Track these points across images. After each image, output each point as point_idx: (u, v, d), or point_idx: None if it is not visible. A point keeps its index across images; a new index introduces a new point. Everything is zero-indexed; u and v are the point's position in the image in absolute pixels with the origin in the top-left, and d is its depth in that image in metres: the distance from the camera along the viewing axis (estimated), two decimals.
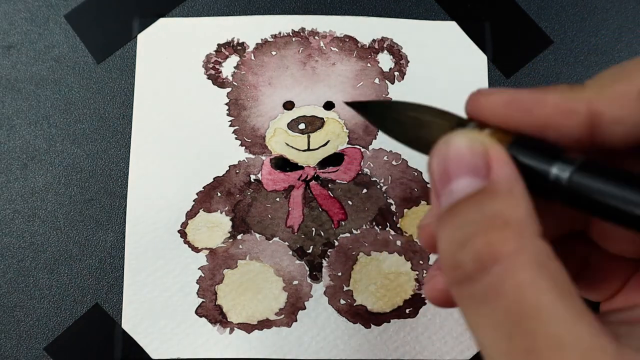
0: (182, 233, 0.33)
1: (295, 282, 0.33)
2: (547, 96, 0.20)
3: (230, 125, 0.35)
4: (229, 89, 0.35)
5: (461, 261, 0.18)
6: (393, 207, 0.34)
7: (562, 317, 0.17)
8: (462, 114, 0.23)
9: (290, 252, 0.33)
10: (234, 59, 0.36)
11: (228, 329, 0.32)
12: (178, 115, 0.35)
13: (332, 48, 0.36)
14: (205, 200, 0.34)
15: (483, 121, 0.21)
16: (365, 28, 0.36)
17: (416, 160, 0.34)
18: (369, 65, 0.35)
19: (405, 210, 0.34)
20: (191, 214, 0.34)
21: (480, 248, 0.18)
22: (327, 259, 0.33)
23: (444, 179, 0.20)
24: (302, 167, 0.34)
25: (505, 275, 0.18)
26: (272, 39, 0.36)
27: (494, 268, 0.18)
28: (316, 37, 0.36)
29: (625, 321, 0.19)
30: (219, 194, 0.34)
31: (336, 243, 0.33)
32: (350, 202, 0.34)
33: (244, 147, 0.34)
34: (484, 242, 0.18)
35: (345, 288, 0.33)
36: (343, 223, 0.33)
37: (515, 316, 0.17)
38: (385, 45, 0.36)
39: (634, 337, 0.18)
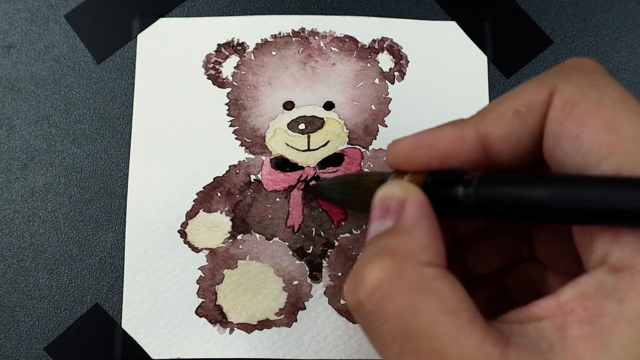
0: (182, 233, 0.33)
1: (295, 282, 0.33)
2: (441, 131, 0.23)
3: (230, 125, 0.35)
4: (229, 89, 0.35)
5: (353, 288, 0.21)
6: None
7: (444, 332, 0.19)
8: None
9: (290, 252, 0.33)
10: (234, 59, 0.36)
11: (228, 329, 0.32)
12: (178, 115, 0.35)
13: (332, 48, 0.36)
14: (205, 200, 0.34)
15: (399, 169, 0.24)
16: (365, 28, 0.36)
17: None
18: (369, 65, 0.35)
19: None
20: (191, 214, 0.34)
21: (367, 276, 0.20)
22: (327, 259, 0.33)
23: (372, 219, 0.23)
24: (302, 167, 0.34)
25: (385, 300, 0.20)
26: (272, 39, 0.36)
27: (376, 294, 0.20)
28: (316, 37, 0.36)
29: (519, 320, 0.20)
30: (219, 194, 0.34)
31: (336, 243, 0.33)
32: None
33: (244, 147, 0.34)
34: (370, 270, 0.20)
35: None
36: (343, 223, 0.34)
37: (400, 337, 0.19)
38: (385, 45, 0.36)
39: (524, 335, 0.19)
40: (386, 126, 0.35)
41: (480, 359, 0.18)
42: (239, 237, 0.33)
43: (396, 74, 0.35)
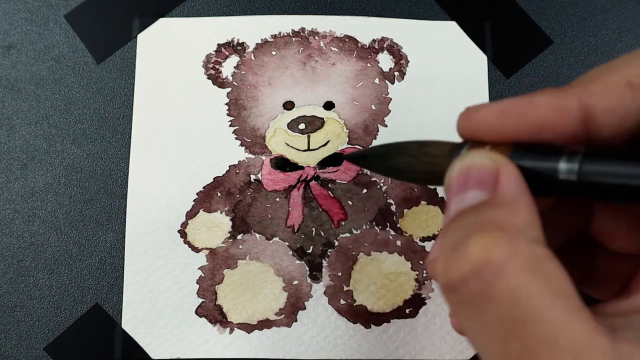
0: (182, 233, 0.33)
1: (295, 282, 0.33)
2: (537, 99, 0.21)
3: (230, 125, 0.35)
4: (229, 89, 0.35)
5: (453, 264, 0.19)
6: (393, 207, 0.34)
7: (556, 318, 0.17)
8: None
9: (290, 252, 0.33)
10: (234, 59, 0.36)
11: (228, 329, 0.32)
12: (178, 115, 0.35)
13: (332, 48, 0.36)
14: (205, 200, 0.34)
15: (477, 139, 0.22)
16: (365, 28, 0.36)
17: None
18: (369, 65, 0.35)
19: (405, 210, 0.34)
20: (191, 214, 0.34)
21: (472, 251, 0.18)
22: (327, 259, 0.33)
23: (455, 192, 0.20)
24: (302, 167, 0.34)
25: (496, 279, 0.18)
26: (272, 39, 0.36)
27: (485, 271, 0.18)
28: (316, 37, 0.36)
29: (621, 312, 0.19)
30: (219, 194, 0.34)
31: (336, 243, 0.33)
32: (350, 202, 0.34)
33: (244, 147, 0.34)
34: (477, 245, 0.18)
35: (345, 288, 0.33)
36: (343, 223, 0.33)
37: (508, 320, 0.18)
38: (385, 45, 0.36)
39: (630, 328, 0.18)
40: (386, 126, 0.35)
41: (592, 349, 0.17)
42: (239, 237, 0.33)
43: (396, 74, 0.35)
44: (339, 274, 0.33)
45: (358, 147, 0.34)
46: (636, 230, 0.22)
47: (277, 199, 0.34)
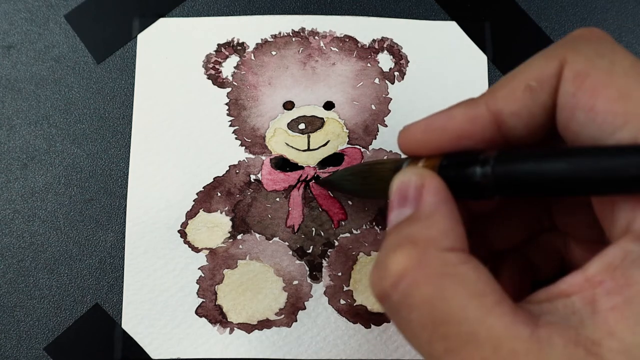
0: (182, 233, 0.33)
1: (295, 282, 0.33)
2: (454, 111, 0.23)
3: (230, 125, 0.35)
4: (229, 89, 0.35)
5: (377, 280, 0.21)
6: None
7: (472, 315, 0.19)
8: None
9: (290, 252, 0.33)
10: (234, 59, 0.36)
11: (228, 329, 0.32)
12: (178, 115, 0.35)
13: (332, 48, 0.36)
14: (205, 200, 0.34)
15: (413, 154, 0.24)
16: (365, 28, 0.36)
17: None
18: (369, 65, 0.35)
19: None
20: (191, 214, 0.34)
21: (390, 267, 0.20)
22: (327, 259, 0.33)
23: (390, 209, 0.23)
24: (302, 167, 0.34)
25: (412, 289, 0.20)
26: (272, 39, 0.36)
27: (401, 284, 0.20)
28: (316, 37, 0.36)
29: (549, 298, 0.20)
30: (219, 194, 0.34)
31: (336, 243, 0.33)
32: (350, 202, 0.34)
33: (244, 147, 0.34)
34: (393, 262, 0.20)
35: (345, 288, 0.33)
36: (343, 223, 0.33)
37: (429, 324, 0.19)
38: (385, 45, 0.36)
39: (553, 313, 0.19)
40: (386, 126, 0.35)
41: (510, 338, 0.18)
42: (239, 237, 0.33)
43: (396, 74, 0.35)
44: (339, 274, 0.33)
45: (358, 147, 0.34)
46: (590, 221, 0.23)
47: (277, 199, 0.34)
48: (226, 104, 0.35)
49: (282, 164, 0.34)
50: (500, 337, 0.18)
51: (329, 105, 0.35)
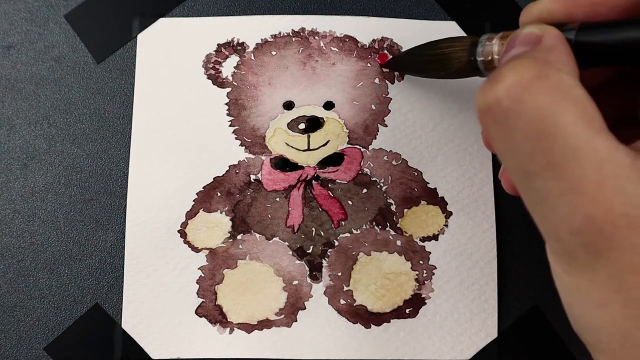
0: (182, 233, 0.33)
1: (295, 282, 0.33)
2: None
3: (230, 125, 0.35)
4: (229, 89, 0.35)
5: (489, 89, 0.20)
6: (393, 207, 0.34)
7: (580, 133, 0.19)
8: (462, 115, 0.23)
9: (290, 252, 0.33)
10: (234, 59, 0.36)
11: (228, 329, 0.32)
12: (178, 115, 0.35)
13: (332, 48, 0.36)
14: (205, 200, 0.34)
15: (544, 21, 0.24)
16: (365, 28, 0.36)
17: (416, 160, 0.34)
18: (369, 65, 0.35)
19: (405, 210, 0.34)
20: (191, 214, 0.34)
21: (505, 75, 0.20)
22: (327, 259, 0.33)
23: (502, 55, 0.23)
24: (302, 167, 0.34)
25: (525, 97, 0.19)
26: (272, 39, 0.36)
27: (515, 89, 0.20)
28: (316, 37, 0.36)
29: None
30: (219, 194, 0.34)
31: (336, 243, 0.33)
32: (350, 202, 0.34)
33: (244, 147, 0.34)
34: (509, 71, 0.20)
35: (345, 288, 0.33)
36: (343, 223, 0.33)
37: (535, 134, 0.19)
38: (385, 45, 0.36)
39: None
40: (386, 126, 0.35)
41: (613, 162, 0.19)
42: (239, 237, 0.33)
43: (396, 73, 0.35)
44: (339, 274, 0.33)
45: (358, 147, 0.34)
46: None
47: (277, 199, 0.34)
48: (226, 103, 0.35)
49: (282, 163, 0.34)
50: (604, 159, 0.19)
51: (329, 105, 0.35)
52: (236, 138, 0.35)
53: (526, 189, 0.20)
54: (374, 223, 0.34)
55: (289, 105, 0.35)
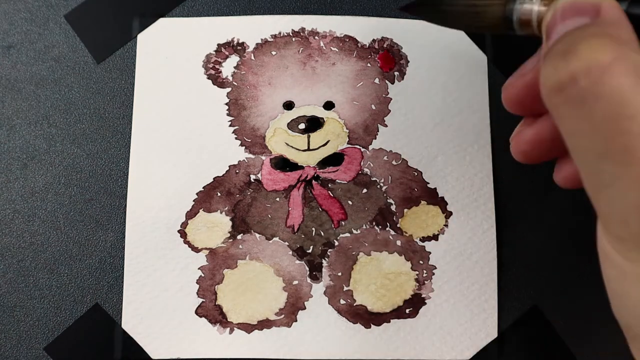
0: (182, 233, 0.33)
1: (295, 282, 0.33)
2: None
3: (230, 125, 0.35)
4: (229, 89, 0.35)
5: (562, 66, 0.20)
6: (393, 207, 0.34)
7: None
8: (462, 115, 0.23)
9: (290, 252, 0.33)
10: (234, 59, 0.36)
11: (228, 329, 0.32)
12: (178, 115, 0.35)
13: (332, 48, 0.36)
14: (205, 200, 0.34)
15: None
16: (365, 28, 0.36)
17: (416, 160, 0.34)
18: (369, 65, 0.35)
19: (405, 210, 0.34)
20: (191, 214, 0.34)
21: (582, 53, 0.19)
22: (327, 259, 0.33)
23: (558, 22, 0.22)
24: (302, 167, 0.34)
25: (604, 78, 0.19)
26: (272, 39, 0.36)
27: (594, 70, 0.19)
28: (316, 37, 0.36)
29: None
30: (219, 194, 0.34)
31: (336, 243, 0.33)
32: (350, 202, 0.34)
33: (244, 147, 0.34)
34: (586, 48, 0.19)
35: (345, 288, 0.33)
36: (343, 223, 0.33)
37: (613, 117, 0.19)
38: (385, 45, 0.36)
39: None
40: (386, 126, 0.35)
41: None
42: (239, 237, 0.33)
43: (396, 74, 0.35)
44: (339, 274, 0.33)
45: (358, 147, 0.34)
46: None
47: (277, 199, 0.34)
48: (226, 103, 0.35)
49: (282, 163, 0.34)
50: None
51: (329, 105, 0.35)
52: (236, 138, 0.35)
53: (595, 171, 0.20)
54: (374, 223, 0.34)
55: (289, 105, 0.35)
